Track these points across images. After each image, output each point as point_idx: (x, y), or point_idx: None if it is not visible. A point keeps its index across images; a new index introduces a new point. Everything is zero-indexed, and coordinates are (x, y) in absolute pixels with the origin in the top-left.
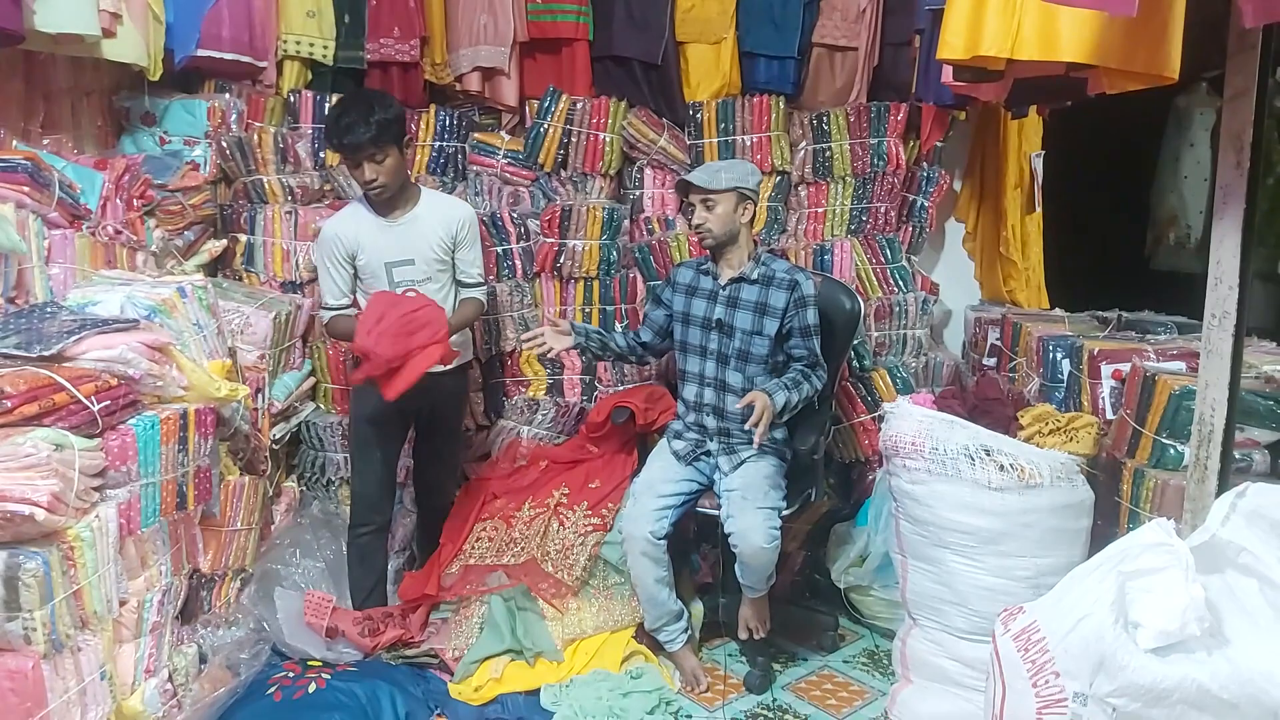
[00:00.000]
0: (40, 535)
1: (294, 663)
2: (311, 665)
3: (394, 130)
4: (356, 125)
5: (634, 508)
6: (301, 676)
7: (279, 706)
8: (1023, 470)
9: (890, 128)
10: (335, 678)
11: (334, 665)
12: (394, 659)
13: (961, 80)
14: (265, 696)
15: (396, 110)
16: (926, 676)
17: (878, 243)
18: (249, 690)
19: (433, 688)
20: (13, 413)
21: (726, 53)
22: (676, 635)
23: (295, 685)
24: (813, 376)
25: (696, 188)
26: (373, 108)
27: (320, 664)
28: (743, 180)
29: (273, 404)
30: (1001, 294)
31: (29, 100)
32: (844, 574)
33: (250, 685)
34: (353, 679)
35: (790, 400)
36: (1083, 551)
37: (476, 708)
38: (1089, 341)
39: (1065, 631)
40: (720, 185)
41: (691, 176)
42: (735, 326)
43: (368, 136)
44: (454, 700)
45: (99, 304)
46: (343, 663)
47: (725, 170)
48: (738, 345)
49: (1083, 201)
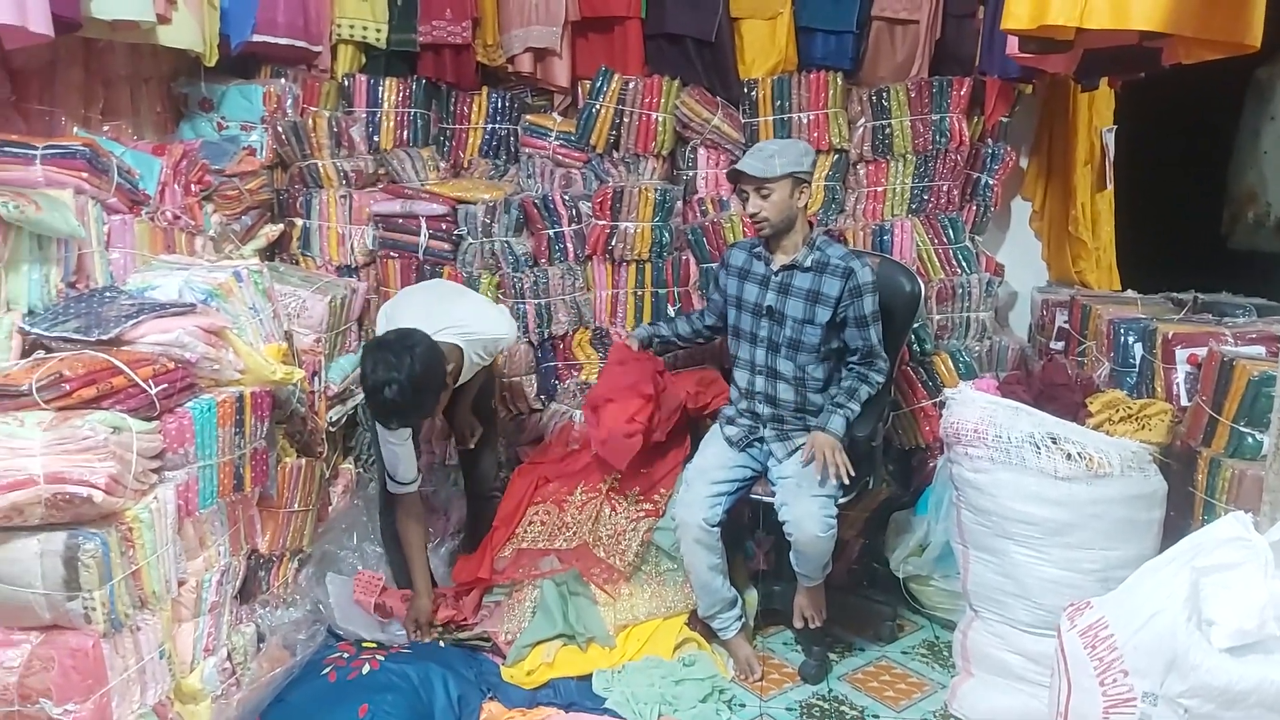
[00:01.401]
0: (99, 516)
1: (349, 644)
2: (366, 647)
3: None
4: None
5: (686, 494)
6: (356, 658)
7: (333, 687)
8: (1091, 459)
9: (953, 103)
10: (388, 659)
11: (388, 647)
12: (447, 641)
13: (1028, 52)
14: (320, 677)
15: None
16: (988, 670)
17: (940, 222)
18: (304, 670)
19: (485, 670)
20: (71, 395)
21: (782, 28)
22: (730, 623)
23: (349, 666)
24: (870, 374)
25: (749, 176)
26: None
27: (374, 646)
28: (797, 163)
29: (329, 387)
30: (1070, 275)
31: (89, 87)
32: (903, 563)
33: (305, 665)
34: (405, 661)
35: (850, 417)
36: (1154, 544)
37: (528, 691)
38: (1163, 324)
39: (1135, 629)
40: (774, 173)
41: (743, 165)
42: (787, 314)
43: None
44: (506, 684)
45: (157, 288)
46: (396, 644)
47: (779, 155)
48: (789, 334)
49: (1156, 178)
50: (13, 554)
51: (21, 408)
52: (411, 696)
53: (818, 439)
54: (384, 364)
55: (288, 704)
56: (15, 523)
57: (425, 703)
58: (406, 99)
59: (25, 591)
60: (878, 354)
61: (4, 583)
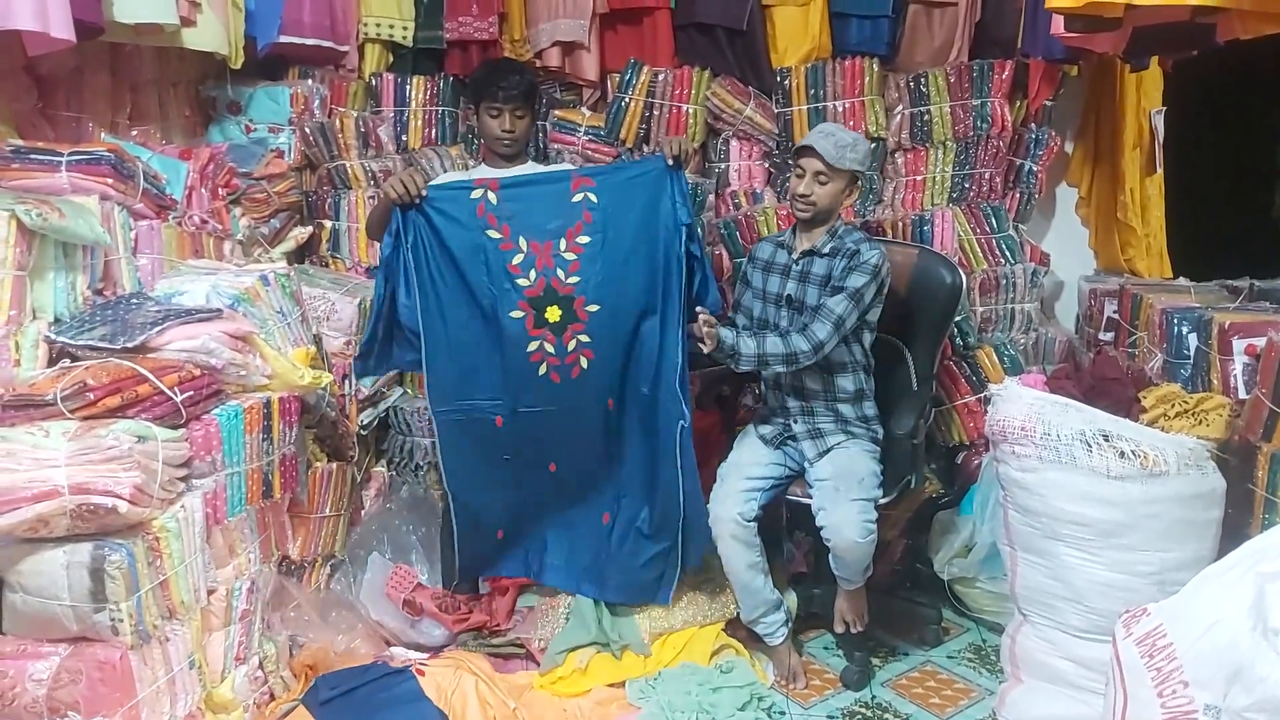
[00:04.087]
0: (125, 527)
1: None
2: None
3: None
4: (512, 74)
5: (720, 489)
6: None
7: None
8: (1146, 457)
9: (995, 87)
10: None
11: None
12: (479, 647)
13: (1074, 31)
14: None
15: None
16: (1038, 676)
17: (982, 211)
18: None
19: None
20: (96, 405)
21: (815, 14)
22: (776, 628)
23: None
24: (795, 334)
25: (815, 157)
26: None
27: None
28: (862, 164)
29: (360, 390)
30: (1119, 263)
31: (116, 92)
32: (948, 564)
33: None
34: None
35: (738, 345)
36: (1213, 545)
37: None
38: (1218, 314)
39: (1195, 637)
40: (844, 165)
41: (817, 144)
42: (805, 303)
43: (521, 88)
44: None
45: (185, 294)
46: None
47: (851, 149)
48: (807, 321)
49: (1208, 161)
50: (39, 566)
51: (47, 417)
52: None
53: (707, 323)
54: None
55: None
56: (41, 534)
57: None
58: (434, 97)
59: (52, 603)
60: (825, 325)
61: (31, 595)
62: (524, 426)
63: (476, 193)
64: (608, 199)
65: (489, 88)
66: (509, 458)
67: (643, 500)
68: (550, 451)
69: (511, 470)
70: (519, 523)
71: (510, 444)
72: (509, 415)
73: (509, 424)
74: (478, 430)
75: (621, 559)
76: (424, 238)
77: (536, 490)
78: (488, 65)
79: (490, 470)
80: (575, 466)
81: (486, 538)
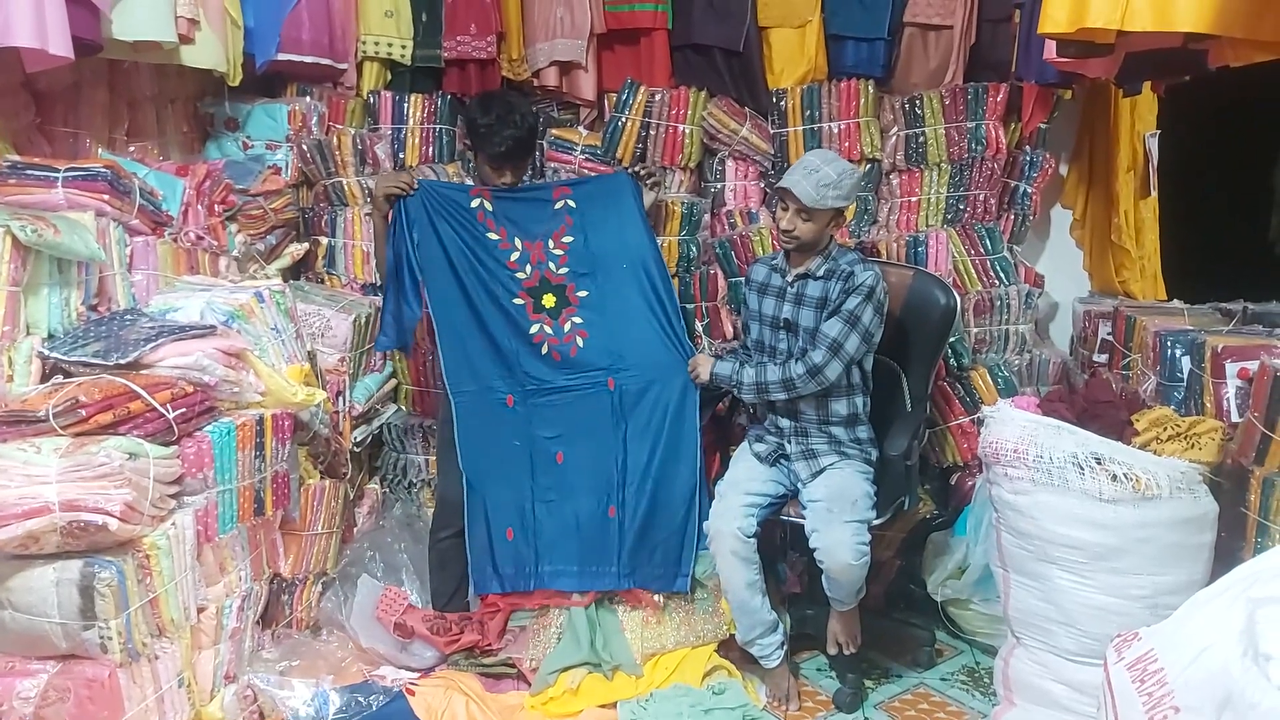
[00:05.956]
0: (115, 544)
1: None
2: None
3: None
4: (508, 127)
5: (720, 505)
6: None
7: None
8: (1138, 480)
9: (989, 110)
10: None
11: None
12: (470, 666)
13: (1067, 56)
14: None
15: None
16: (1030, 700)
17: (976, 232)
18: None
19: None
20: (88, 421)
21: (812, 36)
22: (772, 650)
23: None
24: (792, 364)
25: (794, 195)
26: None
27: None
28: (847, 199)
29: (354, 406)
30: (1113, 285)
31: (114, 109)
32: (941, 586)
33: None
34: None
35: (739, 375)
36: (1205, 569)
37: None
38: (1211, 337)
39: (1186, 663)
40: (825, 205)
41: (794, 187)
42: (800, 325)
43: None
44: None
45: (179, 310)
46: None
47: (833, 188)
48: (803, 344)
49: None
50: (28, 583)
51: (39, 434)
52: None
53: (698, 359)
54: (502, 102)
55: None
56: (31, 551)
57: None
58: (431, 115)
59: (41, 621)
60: (821, 349)
61: (20, 612)
62: (533, 408)
63: (474, 202)
64: (585, 204)
65: (490, 141)
66: (519, 443)
67: (649, 486)
68: (557, 438)
69: (522, 458)
70: (527, 522)
71: (521, 427)
72: (520, 395)
73: (519, 403)
74: (491, 411)
75: (633, 547)
76: (431, 234)
77: (545, 483)
78: (487, 106)
79: (502, 456)
80: (581, 455)
81: (497, 537)
